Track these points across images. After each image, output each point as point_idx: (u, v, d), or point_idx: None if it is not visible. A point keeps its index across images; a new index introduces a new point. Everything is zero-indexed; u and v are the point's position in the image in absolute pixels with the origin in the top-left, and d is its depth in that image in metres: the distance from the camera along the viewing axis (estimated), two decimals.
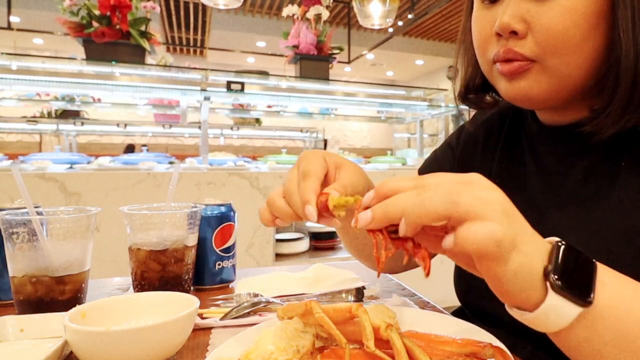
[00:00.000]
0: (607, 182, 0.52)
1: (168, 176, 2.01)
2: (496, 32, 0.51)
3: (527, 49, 0.49)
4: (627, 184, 0.50)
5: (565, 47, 0.48)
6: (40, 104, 3.17)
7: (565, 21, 0.47)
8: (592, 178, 0.53)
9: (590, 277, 0.35)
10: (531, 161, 0.61)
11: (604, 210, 0.51)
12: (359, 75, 9.56)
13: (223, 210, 0.76)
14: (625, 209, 0.49)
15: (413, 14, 5.38)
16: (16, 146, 6.16)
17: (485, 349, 0.39)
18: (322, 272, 0.81)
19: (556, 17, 0.47)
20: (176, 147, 6.75)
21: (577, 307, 0.34)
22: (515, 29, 0.49)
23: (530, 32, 0.49)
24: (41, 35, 6.59)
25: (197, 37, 7.67)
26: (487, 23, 0.53)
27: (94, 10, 2.21)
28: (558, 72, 0.49)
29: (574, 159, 0.56)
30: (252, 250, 2.16)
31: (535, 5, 0.48)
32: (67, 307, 0.51)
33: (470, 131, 0.72)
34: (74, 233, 0.60)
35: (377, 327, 0.38)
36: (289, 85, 2.77)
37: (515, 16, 0.49)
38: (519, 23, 0.49)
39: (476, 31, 0.55)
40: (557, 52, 0.48)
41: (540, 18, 0.48)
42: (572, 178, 0.55)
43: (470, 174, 0.36)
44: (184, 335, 0.48)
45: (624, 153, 0.51)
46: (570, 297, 0.33)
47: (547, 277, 0.33)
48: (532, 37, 0.49)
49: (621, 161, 0.51)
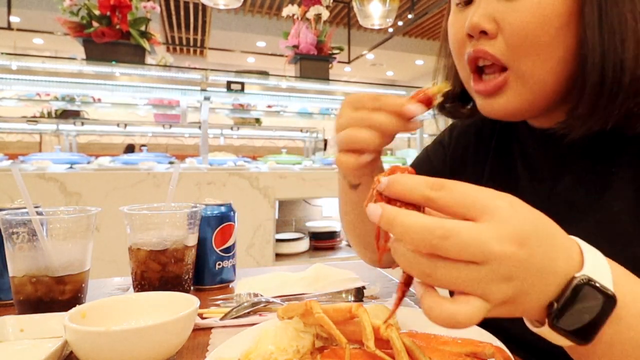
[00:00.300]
0: (598, 187, 0.51)
1: (168, 176, 2.01)
2: (467, 32, 0.50)
3: (497, 50, 0.48)
4: (618, 189, 0.49)
5: (534, 47, 0.47)
6: (40, 104, 3.17)
7: (534, 20, 0.46)
8: (582, 184, 0.53)
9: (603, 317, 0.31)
10: (522, 165, 0.61)
11: (594, 216, 0.50)
12: (359, 75, 9.56)
13: (223, 210, 0.76)
14: (616, 215, 0.49)
15: (413, 14, 5.38)
16: (16, 146, 6.16)
17: (485, 349, 0.39)
18: (322, 272, 0.81)
19: (525, 16, 0.46)
20: (176, 147, 6.75)
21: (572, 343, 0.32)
22: (485, 28, 0.48)
23: (500, 32, 0.48)
24: (41, 35, 6.59)
25: (197, 37, 7.67)
26: (460, 26, 0.52)
27: (94, 10, 2.21)
28: (532, 78, 0.48)
29: (565, 165, 0.55)
30: (252, 250, 2.16)
31: (504, 5, 0.47)
32: (67, 307, 0.51)
33: (462, 130, 0.71)
34: (74, 233, 0.60)
35: (377, 327, 0.38)
36: (289, 85, 2.77)
37: (485, 16, 0.48)
38: (488, 23, 0.48)
39: (451, 34, 0.55)
40: (527, 53, 0.47)
41: (510, 17, 0.47)
42: (563, 185, 0.55)
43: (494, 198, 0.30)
44: (184, 335, 0.48)
45: (614, 158, 0.51)
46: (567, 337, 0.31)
47: (548, 313, 0.31)
48: (502, 37, 0.48)
49: (612, 166, 0.51)
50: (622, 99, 0.45)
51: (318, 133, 3.70)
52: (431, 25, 7.38)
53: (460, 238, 0.28)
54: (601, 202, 0.50)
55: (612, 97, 0.45)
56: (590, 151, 0.52)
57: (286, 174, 2.22)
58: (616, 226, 0.48)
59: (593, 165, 0.52)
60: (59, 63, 2.48)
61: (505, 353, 0.38)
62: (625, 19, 0.44)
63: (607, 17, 0.44)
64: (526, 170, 0.60)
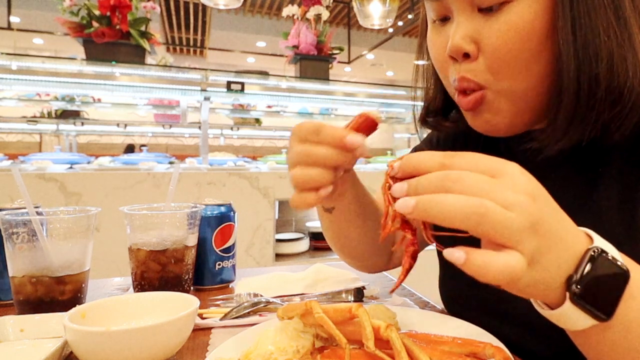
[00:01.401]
0: (585, 193, 0.51)
1: (168, 176, 2.01)
2: (449, 55, 0.50)
3: (478, 75, 0.48)
4: (605, 189, 0.49)
5: (514, 67, 0.46)
6: (40, 104, 3.17)
7: (515, 36, 0.45)
8: (569, 189, 0.52)
9: (619, 291, 0.33)
10: None
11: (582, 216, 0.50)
12: (359, 75, 9.56)
13: (223, 210, 0.76)
14: (604, 214, 0.48)
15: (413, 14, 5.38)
16: (16, 146, 6.16)
17: (485, 349, 0.39)
18: (322, 272, 0.81)
19: (503, 35, 0.46)
20: (176, 147, 6.75)
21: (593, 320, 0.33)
22: (467, 50, 0.48)
23: (481, 52, 0.48)
24: (41, 35, 6.59)
25: (197, 37, 7.67)
26: (441, 45, 0.52)
27: (94, 10, 2.21)
28: (513, 94, 0.48)
29: (551, 169, 0.54)
30: (252, 250, 2.16)
31: (482, 23, 0.47)
32: (67, 307, 0.51)
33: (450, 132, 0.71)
34: (74, 233, 0.60)
35: (377, 327, 0.38)
36: (289, 85, 2.76)
37: (466, 37, 0.48)
38: (469, 44, 0.48)
39: (433, 55, 0.54)
40: (507, 74, 0.47)
41: (488, 37, 0.47)
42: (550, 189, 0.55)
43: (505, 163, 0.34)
44: (184, 335, 0.48)
45: (600, 163, 0.50)
46: (588, 311, 0.32)
47: (568, 286, 0.32)
48: (483, 59, 0.48)
49: (598, 170, 0.51)
50: (597, 111, 0.45)
51: None
52: None
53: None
54: (589, 203, 0.50)
55: (589, 109, 0.45)
56: (577, 152, 0.52)
57: (286, 174, 2.22)
58: (604, 226, 0.48)
59: (580, 165, 0.52)
60: (59, 63, 2.47)
61: (505, 353, 0.38)
62: (598, 32, 0.44)
63: (580, 30, 0.44)
64: None
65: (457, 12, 0.49)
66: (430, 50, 0.55)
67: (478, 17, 0.47)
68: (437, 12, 0.51)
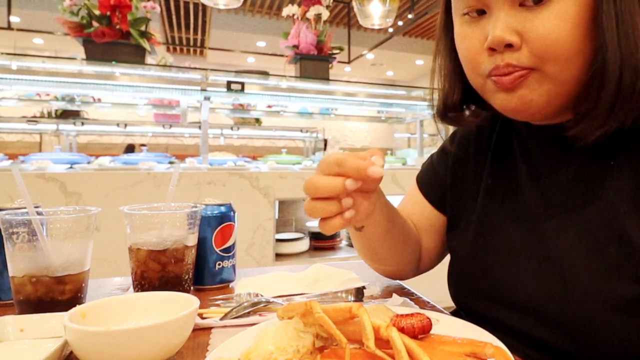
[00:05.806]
0: (596, 183, 0.52)
1: (168, 176, 2.01)
2: (489, 47, 0.50)
3: (524, 59, 0.49)
4: (616, 185, 0.50)
5: (561, 53, 0.48)
6: (40, 104, 3.17)
7: (559, 28, 0.47)
8: (581, 179, 0.53)
9: None
10: (522, 162, 0.61)
11: (593, 212, 0.51)
12: (359, 75, 9.56)
13: (223, 210, 0.76)
14: (614, 211, 0.49)
15: (413, 14, 5.38)
16: (16, 146, 6.16)
17: (485, 348, 0.39)
18: (322, 272, 0.81)
19: (550, 25, 0.47)
20: (176, 147, 6.75)
21: None
22: (510, 41, 0.48)
23: (525, 42, 0.48)
24: (41, 35, 6.59)
25: (197, 37, 7.66)
26: (475, 39, 0.52)
27: (94, 10, 2.21)
28: (556, 78, 0.49)
29: (564, 160, 0.56)
30: (252, 250, 2.16)
31: (526, 16, 0.48)
32: (67, 307, 0.51)
33: (464, 134, 0.72)
34: (74, 233, 0.60)
35: (377, 327, 0.38)
36: (289, 85, 2.76)
37: (508, 29, 0.48)
38: (512, 35, 0.48)
39: (464, 49, 0.54)
40: (555, 59, 0.48)
41: (534, 28, 0.48)
42: (562, 179, 0.56)
43: None
44: (184, 335, 0.48)
45: (613, 154, 0.52)
46: None
47: None
48: (527, 48, 0.49)
49: (610, 162, 0.51)
50: (636, 101, 0.47)
51: (318, 133, 3.70)
52: (431, 25, 7.37)
53: None
54: (599, 194, 0.51)
55: (628, 99, 0.47)
56: (589, 146, 0.52)
57: (286, 174, 2.22)
58: (614, 223, 0.49)
59: (592, 159, 0.53)
60: (59, 63, 2.47)
61: (505, 353, 0.38)
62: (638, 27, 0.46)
63: (623, 25, 0.46)
64: (525, 165, 0.61)
65: (496, 5, 0.49)
66: (460, 44, 0.55)
67: (520, 10, 0.48)
68: (471, 5, 0.52)
